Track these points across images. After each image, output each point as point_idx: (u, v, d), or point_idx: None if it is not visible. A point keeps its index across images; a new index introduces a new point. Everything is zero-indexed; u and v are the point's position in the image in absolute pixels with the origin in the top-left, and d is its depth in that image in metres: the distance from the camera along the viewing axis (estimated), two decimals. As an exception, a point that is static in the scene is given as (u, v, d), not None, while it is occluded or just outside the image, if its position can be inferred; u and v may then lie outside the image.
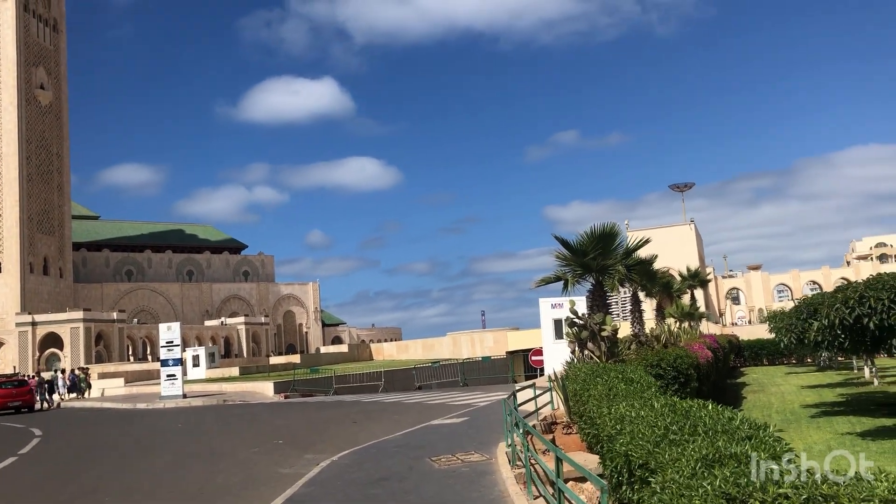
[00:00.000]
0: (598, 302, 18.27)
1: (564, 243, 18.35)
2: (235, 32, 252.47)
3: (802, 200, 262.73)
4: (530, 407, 15.93)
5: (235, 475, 14.70)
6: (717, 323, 73.23)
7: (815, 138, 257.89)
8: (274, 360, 76.38)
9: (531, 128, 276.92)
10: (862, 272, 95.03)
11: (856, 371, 36.43)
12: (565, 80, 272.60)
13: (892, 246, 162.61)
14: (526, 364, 43.56)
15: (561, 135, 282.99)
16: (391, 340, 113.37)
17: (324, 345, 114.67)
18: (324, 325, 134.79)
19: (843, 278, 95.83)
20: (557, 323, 30.83)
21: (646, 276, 22.52)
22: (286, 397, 37.96)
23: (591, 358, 16.83)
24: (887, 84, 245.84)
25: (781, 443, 5.05)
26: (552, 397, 16.03)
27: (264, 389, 40.88)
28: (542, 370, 37.63)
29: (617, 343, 16.81)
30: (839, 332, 16.74)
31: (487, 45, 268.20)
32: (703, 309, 55.21)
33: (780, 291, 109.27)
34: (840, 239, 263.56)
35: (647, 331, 24.87)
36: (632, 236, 20.10)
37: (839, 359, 40.95)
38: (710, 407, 6.11)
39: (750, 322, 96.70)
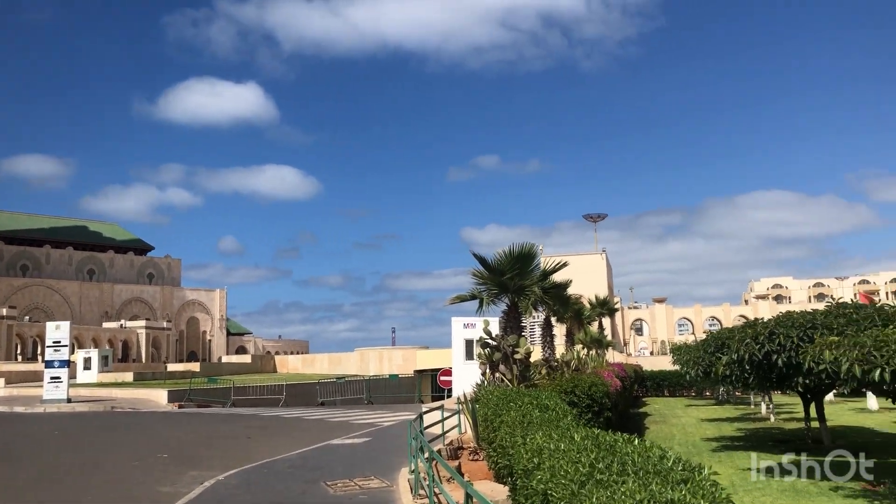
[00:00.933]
0: (513, 324, 17.78)
1: (482, 261, 17.82)
2: (160, 29, 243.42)
3: (707, 239, 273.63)
4: (438, 430, 15.17)
5: (107, 493, 13.25)
6: (621, 352, 74.59)
7: (723, 179, 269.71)
8: (172, 367, 72.98)
9: (454, 149, 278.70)
10: (759, 311, 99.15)
11: (752, 406, 37.31)
12: (490, 106, 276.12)
13: (787, 288, 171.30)
14: (434, 384, 42.83)
15: (482, 158, 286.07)
16: (298, 353, 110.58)
17: (227, 354, 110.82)
18: (229, 333, 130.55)
19: (742, 316, 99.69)
20: (469, 343, 30.29)
21: (559, 300, 22.25)
22: (180, 407, 35.93)
23: (503, 381, 16.29)
24: (791, 133, 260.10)
25: (718, 487, 4.48)
26: (460, 421, 15.34)
27: (158, 397, 38.70)
28: (450, 391, 37.02)
29: (529, 367, 16.36)
30: (747, 367, 16.77)
31: (416, 65, 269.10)
32: (609, 337, 56.00)
33: (680, 325, 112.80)
34: (740, 278, 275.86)
35: (558, 356, 24.63)
36: (546, 261, 19.75)
37: (737, 394, 42.00)
38: (636, 442, 5.52)
39: (652, 353, 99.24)
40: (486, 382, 17.21)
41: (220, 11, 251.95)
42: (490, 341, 16.44)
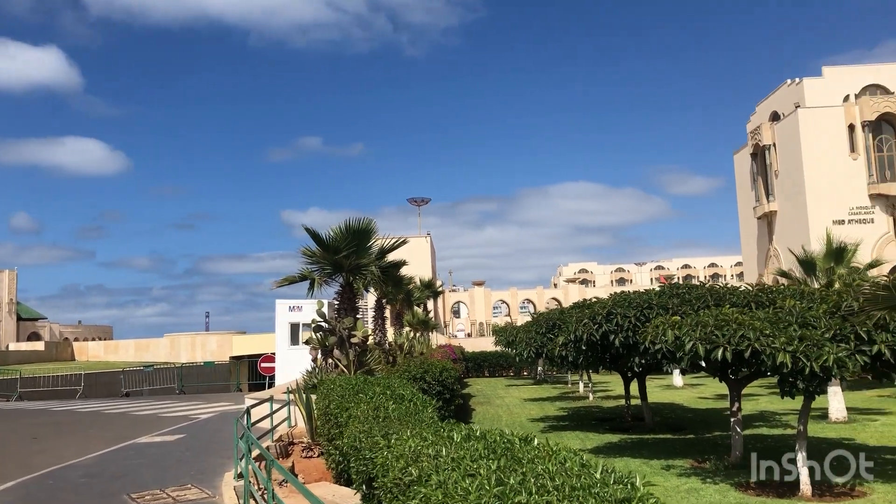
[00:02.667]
0: (347, 305, 16.50)
1: (315, 236, 16.31)
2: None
3: (520, 226, 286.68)
4: (266, 424, 13.49)
5: None
6: (443, 334, 75.35)
7: (536, 170, 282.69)
8: (-55, 357, 64.11)
9: (275, 129, 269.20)
10: (569, 293, 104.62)
11: (570, 385, 38.50)
12: (314, 86, 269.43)
13: (591, 272, 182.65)
14: (253, 371, 40.38)
15: (305, 139, 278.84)
16: (100, 339, 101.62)
17: (17, 341, 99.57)
18: (19, 318, 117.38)
19: (553, 298, 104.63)
20: (295, 327, 28.60)
21: (393, 281, 21.23)
22: (-49, 403, 31.13)
23: (337, 367, 15.00)
24: (597, 128, 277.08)
25: None
26: (290, 413, 13.79)
27: (-78, 393, 33.36)
28: (272, 378, 34.95)
29: (367, 351, 15.16)
30: (584, 347, 16.61)
31: (238, 39, 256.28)
32: (434, 320, 56.13)
33: (495, 307, 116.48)
34: (549, 263, 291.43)
35: (390, 339, 23.66)
36: (382, 239, 18.54)
37: (552, 373, 43.26)
38: (535, 443, 4.47)
39: (470, 335, 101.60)
40: (317, 369, 15.83)
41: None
42: (324, 324, 15.05)
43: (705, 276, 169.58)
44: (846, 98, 64.05)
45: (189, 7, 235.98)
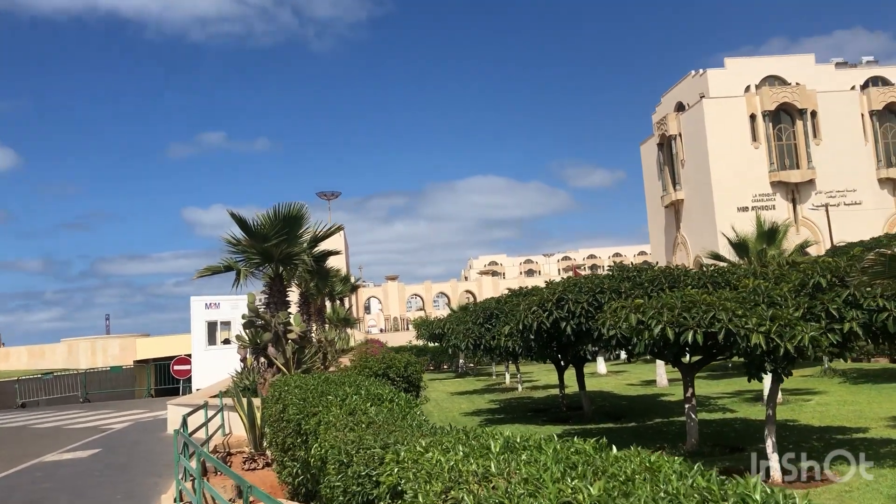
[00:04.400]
0: (277, 298, 15.12)
1: (241, 223, 14.84)
2: None
3: (429, 220, 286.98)
4: (200, 434, 11.89)
5: None
6: (359, 330, 73.84)
7: (444, 165, 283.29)
8: None
9: (176, 124, 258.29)
10: (483, 285, 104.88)
11: (494, 377, 37.93)
12: (216, 81, 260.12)
13: (501, 265, 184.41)
14: (162, 375, 37.89)
15: (207, 134, 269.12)
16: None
17: None
18: None
19: (468, 291, 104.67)
20: (212, 326, 26.75)
21: (320, 273, 19.91)
22: None
23: (271, 366, 13.66)
24: (503, 123, 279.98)
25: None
26: (224, 419, 12.35)
27: None
28: (186, 382, 32.77)
29: (305, 348, 13.86)
30: (531, 336, 15.85)
31: (134, 33, 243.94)
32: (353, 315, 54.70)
33: (408, 302, 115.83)
34: (459, 257, 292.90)
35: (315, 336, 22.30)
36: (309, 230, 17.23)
37: (473, 365, 42.61)
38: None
39: (383, 330, 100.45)
40: (247, 370, 14.44)
41: None
42: (256, 319, 13.66)
43: (610, 266, 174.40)
44: (747, 89, 66.41)
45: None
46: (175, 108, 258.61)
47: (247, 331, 13.87)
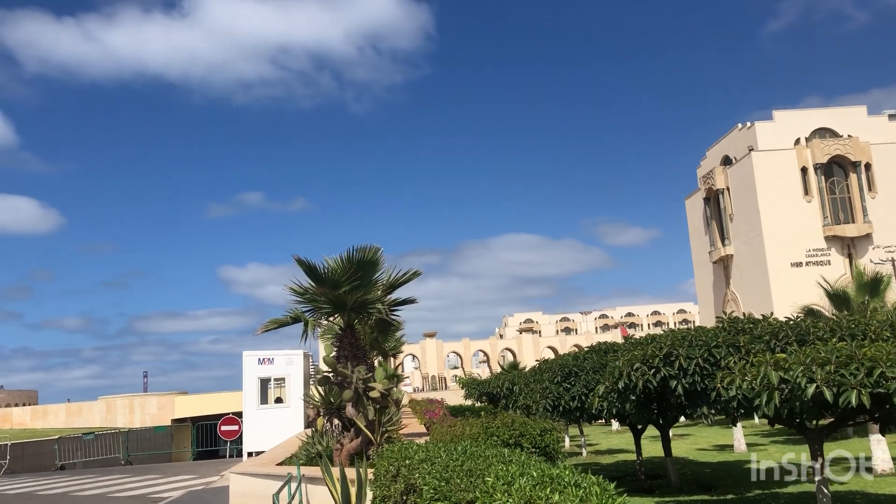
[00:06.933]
0: (349, 352, 13.60)
1: (309, 269, 13.45)
2: None
3: (462, 278, 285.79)
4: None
5: None
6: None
7: (477, 223, 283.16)
8: None
9: (216, 185, 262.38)
10: (523, 343, 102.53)
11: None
12: (256, 142, 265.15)
13: (537, 322, 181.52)
14: (204, 436, 36.31)
15: (246, 195, 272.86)
16: (25, 405, 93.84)
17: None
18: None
19: (507, 348, 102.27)
20: (264, 383, 25.19)
21: (391, 325, 18.45)
22: None
23: (348, 430, 12.08)
24: (535, 182, 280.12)
25: None
26: (304, 495, 10.63)
27: None
28: (235, 443, 31.20)
29: (387, 409, 12.27)
30: (632, 397, 14.08)
31: (180, 97, 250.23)
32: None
33: (446, 358, 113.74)
34: (492, 315, 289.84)
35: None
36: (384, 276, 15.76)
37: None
38: None
39: (421, 389, 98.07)
40: (317, 433, 12.87)
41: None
42: (331, 376, 12.14)
43: (649, 325, 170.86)
44: (797, 141, 64.75)
45: (128, 64, 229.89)
46: (216, 170, 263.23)
47: (321, 389, 12.36)
